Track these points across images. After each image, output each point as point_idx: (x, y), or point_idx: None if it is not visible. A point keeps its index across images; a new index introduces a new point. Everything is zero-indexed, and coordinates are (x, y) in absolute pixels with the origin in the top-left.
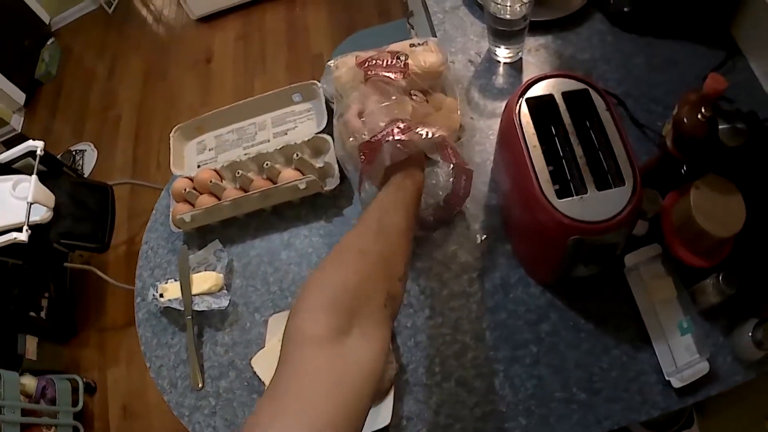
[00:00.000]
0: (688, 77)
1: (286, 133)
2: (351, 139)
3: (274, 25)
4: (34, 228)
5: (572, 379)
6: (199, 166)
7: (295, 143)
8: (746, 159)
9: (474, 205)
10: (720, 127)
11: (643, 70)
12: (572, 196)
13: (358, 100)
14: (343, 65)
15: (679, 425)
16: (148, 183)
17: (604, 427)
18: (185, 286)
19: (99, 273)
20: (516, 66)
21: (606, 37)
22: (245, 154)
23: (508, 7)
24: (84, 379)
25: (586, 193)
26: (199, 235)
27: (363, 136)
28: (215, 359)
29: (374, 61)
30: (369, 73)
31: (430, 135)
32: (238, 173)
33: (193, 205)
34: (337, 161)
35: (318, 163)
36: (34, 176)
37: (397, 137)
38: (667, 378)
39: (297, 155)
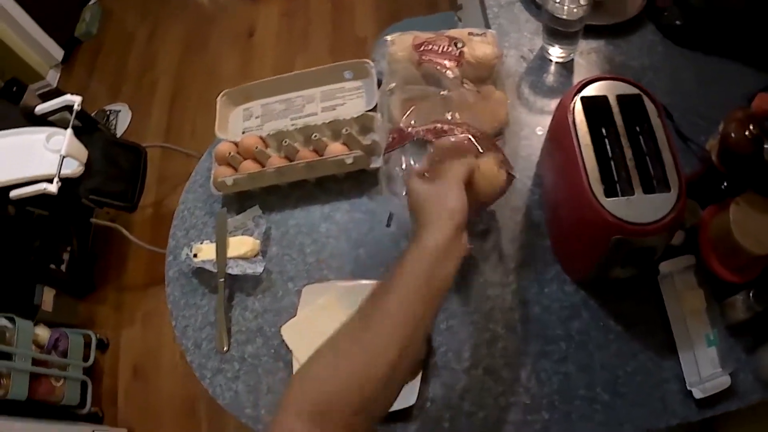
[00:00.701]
0: (734, 95)
1: (335, 109)
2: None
3: (320, 5)
4: (65, 181)
5: (597, 380)
6: (243, 132)
7: (344, 119)
8: None
9: (517, 197)
10: (765, 146)
11: (691, 84)
12: (618, 196)
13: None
14: (400, 42)
15: None
16: (181, 148)
17: (624, 431)
18: (221, 249)
19: (124, 232)
20: (567, 66)
21: (657, 47)
22: (292, 125)
23: (566, 8)
24: (97, 336)
25: (632, 194)
26: (238, 200)
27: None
28: (243, 324)
29: (430, 46)
30: (423, 57)
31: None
32: (285, 142)
33: (235, 170)
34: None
35: (365, 141)
36: (69, 130)
37: (426, 136)
38: (689, 388)
39: (346, 130)
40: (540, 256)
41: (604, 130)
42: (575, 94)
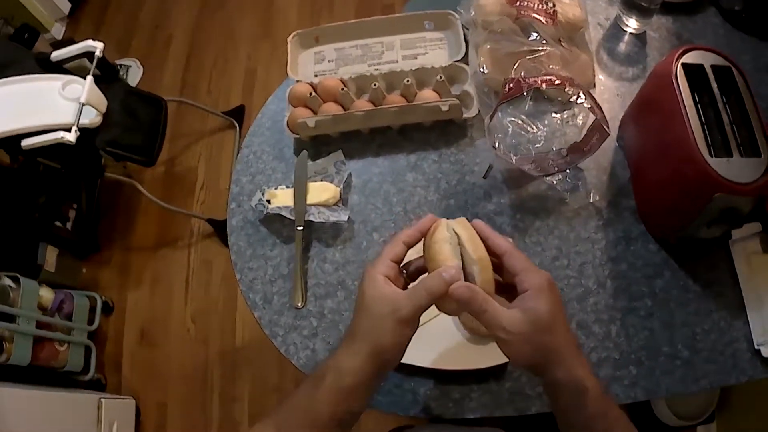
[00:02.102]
0: None
1: (416, 58)
2: None
3: None
4: (82, 131)
5: (678, 336)
6: (316, 75)
7: (433, 66)
8: None
9: (603, 157)
10: None
11: (749, 68)
12: (719, 157)
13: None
14: None
15: (702, 420)
16: (199, 104)
17: (700, 386)
18: (299, 194)
19: (140, 187)
20: (641, 38)
21: (718, 30)
22: (375, 70)
23: None
24: (102, 298)
25: (731, 156)
26: (313, 146)
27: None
28: (322, 277)
29: (526, 2)
30: (521, 12)
31: (570, 93)
32: (375, 85)
33: (314, 112)
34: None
35: (455, 91)
36: (89, 77)
37: (542, 86)
38: (756, 347)
39: (440, 77)
40: (626, 214)
41: (697, 97)
42: (677, 59)
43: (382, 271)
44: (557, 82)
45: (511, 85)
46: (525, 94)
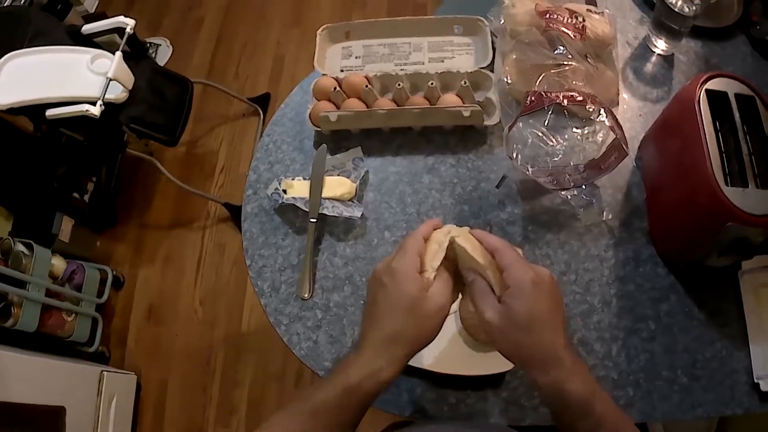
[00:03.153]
0: None
1: (443, 61)
2: None
3: None
4: (107, 106)
5: (678, 362)
6: (342, 71)
7: (458, 71)
8: None
9: (620, 176)
10: None
11: None
12: (735, 186)
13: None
14: (520, 5)
15: None
16: (225, 88)
17: (696, 414)
18: (315, 187)
19: (159, 166)
20: (668, 60)
21: (747, 58)
22: (401, 70)
23: (682, 4)
24: (114, 272)
25: (747, 187)
26: (333, 140)
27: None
28: (331, 270)
29: (555, 15)
30: (550, 25)
31: (592, 110)
32: (399, 85)
33: (337, 107)
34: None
35: (478, 98)
36: (119, 53)
37: (563, 100)
38: (756, 380)
39: (465, 82)
40: (637, 235)
41: (718, 124)
42: (702, 84)
43: (416, 266)
44: (579, 98)
45: (533, 98)
46: (546, 108)
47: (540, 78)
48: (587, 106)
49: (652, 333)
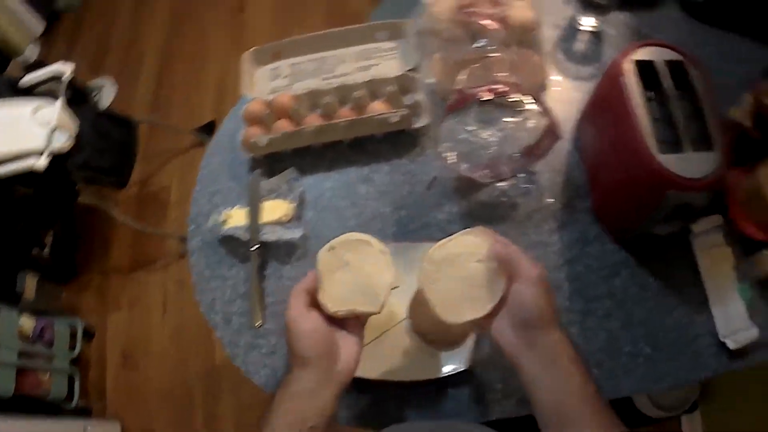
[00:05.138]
0: (754, 71)
1: (369, 69)
2: None
3: None
4: (53, 156)
5: (639, 335)
6: (271, 93)
7: (384, 78)
8: None
9: (557, 159)
10: None
11: (712, 60)
12: (670, 153)
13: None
14: (442, 2)
15: (684, 410)
16: (169, 123)
17: (663, 384)
18: (253, 214)
19: (112, 210)
20: (598, 36)
21: (679, 23)
22: (327, 84)
23: None
24: (83, 323)
25: (682, 152)
26: (268, 163)
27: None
28: (279, 295)
29: (473, 8)
30: (470, 19)
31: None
32: (325, 101)
33: (268, 130)
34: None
35: (407, 101)
36: (59, 100)
37: (487, 95)
38: (722, 339)
39: (391, 88)
40: (581, 216)
41: (651, 94)
42: (628, 57)
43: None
44: (502, 89)
45: (455, 97)
46: (469, 105)
47: (462, 74)
48: (512, 96)
49: (608, 310)
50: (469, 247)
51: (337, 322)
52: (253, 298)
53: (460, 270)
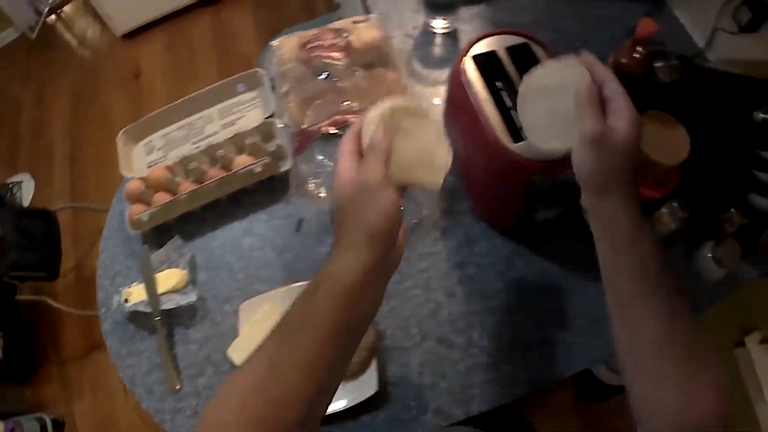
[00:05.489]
0: (617, 34)
1: (234, 123)
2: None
3: (201, 33)
4: None
5: (547, 322)
6: (149, 167)
7: (246, 130)
8: (682, 93)
9: None
10: (656, 65)
11: (574, 30)
12: (524, 140)
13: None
14: (286, 44)
15: None
16: (89, 205)
17: (590, 362)
18: (150, 287)
19: (52, 302)
20: (452, 35)
21: (537, 2)
22: (196, 148)
23: None
24: (51, 417)
25: None
26: (157, 235)
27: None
28: (190, 358)
29: (316, 42)
30: (311, 54)
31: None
32: (192, 166)
33: (149, 205)
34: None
35: (270, 147)
36: None
37: (328, 130)
38: None
39: (252, 139)
40: (463, 218)
41: (500, 83)
42: (466, 54)
43: (346, 166)
44: (346, 118)
45: (299, 138)
46: (314, 141)
47: (307, 112)
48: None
49: (509, 304)
50: (566, 80)
51: None
52: (167, 365)
53: (554, 103)
